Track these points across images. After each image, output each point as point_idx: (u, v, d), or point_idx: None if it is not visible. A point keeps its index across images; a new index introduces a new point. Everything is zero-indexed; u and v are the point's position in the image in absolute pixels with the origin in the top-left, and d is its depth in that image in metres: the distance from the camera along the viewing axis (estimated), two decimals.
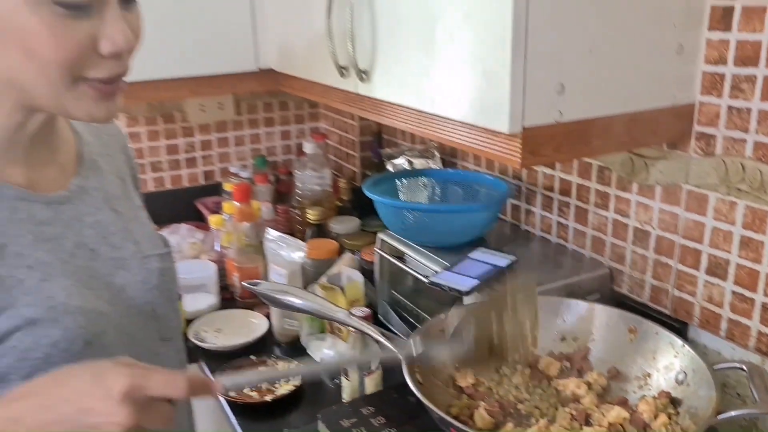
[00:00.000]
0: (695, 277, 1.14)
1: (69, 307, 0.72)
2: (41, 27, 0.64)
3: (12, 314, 0.69)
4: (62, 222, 0.77)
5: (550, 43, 0.91)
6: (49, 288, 0.72)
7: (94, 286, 0.77)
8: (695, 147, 1.09)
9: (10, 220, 0.72)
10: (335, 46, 1.29)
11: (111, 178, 0.86)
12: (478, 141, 1.01)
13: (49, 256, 0.74)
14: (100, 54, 0.68)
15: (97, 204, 0.82)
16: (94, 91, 0.69)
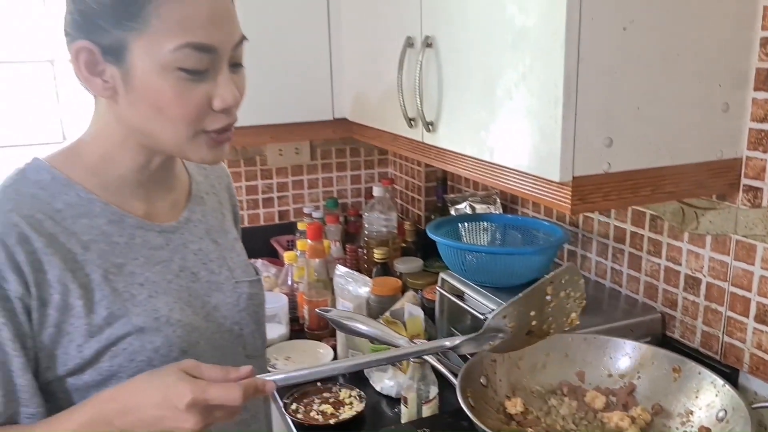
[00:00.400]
0: (744, 324, 1.18)
1: (170, 320, 0.85)
2: (168, 89, 0.78)
3: (125, 322, 0.82)
4: (171, 248, 0.90)
5: (599, 102, 1.00)
6: (155, 303, 0.85)
7: (192, 304, 0.90)
8: (743, 199, 1.14)
9: (129, 244, 0.86)
10: (405, 99, 1.42)
11: (213, 212, 1.00)
12: (533, 188, 1.10)
13: (157, 277, 0.87)
14: (213, 109, 0.81)
15: (200, 234, 0.95)
16: (209, 140, 0.83)
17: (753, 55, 1.09)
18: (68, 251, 0.81)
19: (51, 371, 0.81)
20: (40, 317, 0.79)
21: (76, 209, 0.83)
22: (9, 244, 0.77)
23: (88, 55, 0.78)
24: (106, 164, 0.86)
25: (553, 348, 1.09)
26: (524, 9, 1.04)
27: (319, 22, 1.78)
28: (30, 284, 0.78)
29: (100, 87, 0.80)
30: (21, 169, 0.84)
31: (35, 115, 2.02)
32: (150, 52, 0.77)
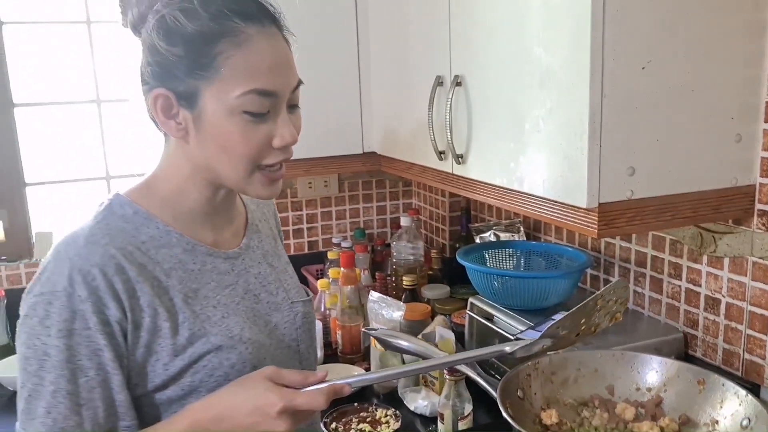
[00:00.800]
0: (764, 341, 1.25)
1: (243, 338, 0.94)
2: (234, 130, 0.87)
3: (205, 341, 0.90)
4: (236, 273, 0.99)
5: (621, 134, 1.09)
6: (228, 323, 0.93)
7: (257, 323, 0.98)
8: (758, 223, 1.22)
9: (201, 270, 0.95)
10: (435, 134, 1.52)
11: (267, 238, 1.09)
12: (561, 215, 1.19)
13: (227, 299, 0.96)
14: (273, 147, 0.90)
15: (258, 259, 1.04)
16: (265, 177, 0.91)
17: (762, 89, 1.18)
18: (155, 278, 0.89)
19: (140, 387, 0.89)
20: (133, 339, 0.87)
21: (157, 240, 0.92)
22: (108, 274, 0.85)
23: (164, 100, 0.88)
24: (177, 198, 0.95)
25: (583, 364, 1.16)
26: (550, 51, 1.14)
27: (350, 64, 1.89)
28: (126, 309, 0.86)
29: (173, 128, 0.90)
30: (107, 205, 0.92)
31: (81, 153, 2.13)
32: (219, 98, 0.86)
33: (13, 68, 1.99)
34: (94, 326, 0.84)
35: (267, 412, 0.82)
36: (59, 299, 0.83)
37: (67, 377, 0.83)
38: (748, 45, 1.16)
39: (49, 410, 0.83)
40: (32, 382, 0.84)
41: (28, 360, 0.84)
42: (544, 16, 1.14)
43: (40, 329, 0.83)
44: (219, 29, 0.84)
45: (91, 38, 2.05)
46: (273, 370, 0.86)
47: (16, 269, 2.01)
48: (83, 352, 0.84)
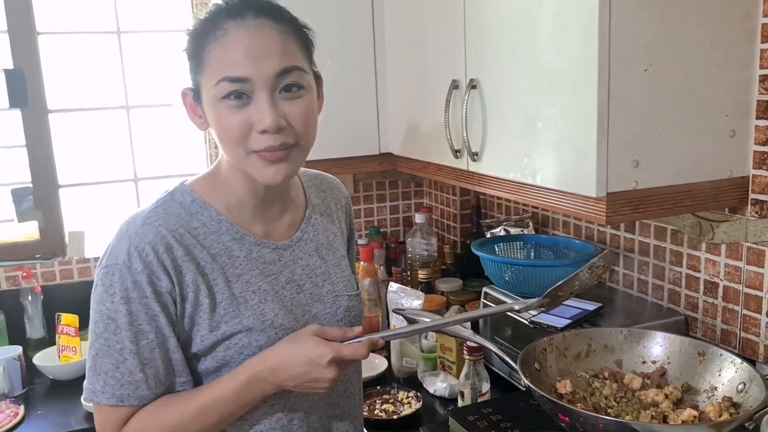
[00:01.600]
0: (758, 320, 1.36)
1: (274, 324, 1.02)
2: (219, 117, 0.95)
3: (238, 322, 1.00)
4: (282, 263, 1.07)
5: (627, 130, 1.20)
6: (263, 308, 1.02)
7: (294, 312, 1.06)
8: (751, 211, 1.34)
9: (247, 258, 1.03)
10: (451, 133, 1.63)
11: (325, 231, 1.15)
12: (571, 204, 1.30)
13: (267, 287, 1.04)
14: (256, 131, 0.93)
15: (309, 251, 1.11)
16: (261, 159, 0.95)
17: (754, 89, 1.30)
18: (200, 260, 0.99)
19: (186, 352, 1.00)
20: (181, 309, 0.98)
21: (208, 227, 1.01)
22: (158, 251, 0.95)
23: (188, 98, 1.01)
24: (227, 189, 1.04)
25: (594, 340, 1.27)
26: (561, 55, 1.25)
27: (367, 68, 2.00)
28: (174, 283, 0.96)
29: (198, 122, 1.02)
30: (171, 192, 1.03)
31: (110, 156, 2.25)
32: (207, 89, 0.96)
33: (48, 76, 2.10)
34: (150, 295, 0.95)
35: (318, 362, 0.94)
36: (120, 271, 0.94)
37: (130, 338, 0.95)
38: (741, 49, 1.28)
39: (117, 366, 0.95)
40: (99, 342, 0.96)
41: (96, 323, 0.96)
42: (554, 23, 1.26)
43: (106, 296, 0.95)
44: (207, 28, 0.95)
45: (121, 47, 2.17)
46: (317, 327, 0.98)
47: (50, 267, 2.12)
48: (142, 317, 0.95)
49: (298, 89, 0.96)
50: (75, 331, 1.88)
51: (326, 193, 1.21)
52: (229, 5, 0.95)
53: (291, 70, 0.95)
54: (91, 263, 2.15)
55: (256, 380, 0.97)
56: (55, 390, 1.84)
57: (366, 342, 0.98)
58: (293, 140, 0.96)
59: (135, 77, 2.20)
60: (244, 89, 0.93)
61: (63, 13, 2.12)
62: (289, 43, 0.96)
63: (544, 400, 1.08)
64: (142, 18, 2.19)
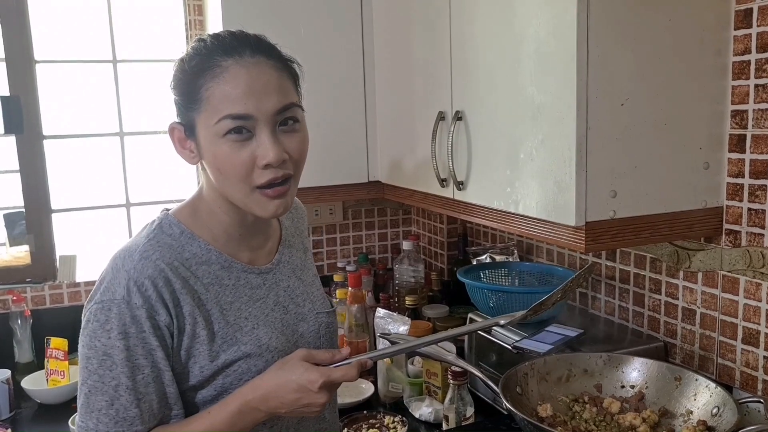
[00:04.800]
0: (734, 347, 1.40)
1: (270, 347, 1.05)
2: (221, 153, 0.96)
3: (236, 349, 1.02)
4: (267, 287, 1.10)
5: (604, 161, 1.25)
6: (258, 333, 1.05)
7: (285, 333, 1.10)
8: (725, 240, 1.38)
9: (236, 285, 1.06)
10: (437, 163, 1.68)
11: (297, 252, 1.20)
12: (552, 233, 1.34)
13: (257, 312, 1.07)
14: (258, 167, 0.96)
15: (288, 273, 1.15)
16: (264, 196, 0.98)
17: (726, 123, 1.35)
18: (195, 291, 1.01)
19: (181, 385, 1.01)
20: (177, 342, 0.99)
21: (199, 258, 1.03)
22: (158, 285, 0.96)
23: (178, 133, 1.02)
24: (212, 220, 1.05)
25: (574, 365, 1.30)
26: (541, 89, 1.30)
27: (357, 99, 2.06)
28: (173, 316, 0.98)
29: (189, 157, 1.03)
30: (158, 224, 1.04)
31: (103, 181, 2.28)
32: (206, 126, 0.97)
33: (44, 103, 2.14)
34: (148, 330, 0.95)
35: (309, 388, 0.96)
36: (118, 306, 0.95)
37: (127, 374, 0.95)
38: (713, 85, 1.34)
39: (111, 402, 0.95)
40: (92, 379, 0.95)
41: (89, 360, 0.95)
42: (536, 59, 1.31)
43: (101, 332, 0.95)
44: (202, 66, 0.97)
45: (117, 76, 2.22)
46: (306, 352, 1.00)
47: (41, 291, 2.13)
48: (139, 351, 0.95)
49: (294, 123, 1.00)
50: (64, 354, 1.89)
51: (293, 214, 1.24)
52: (225, 42, 0.98)
53: (289, 107, 0.99)
54: (82, 287, 2.16)
55: (248, 409, 0.99)
56: (43, 414, 1.84)
57: (355, 363, 1.00)
58: (292, 171, 1.00)
59: (129, 105, 2.24)
60: (247, 125, 0.95)
61: (60, 41, 2.17)
62: (283, 80, 0.99)
63: (524, 423, 1.11)
64: (137, 47, 2.24)
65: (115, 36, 2.20)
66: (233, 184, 0.98)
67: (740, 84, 1.33)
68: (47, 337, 1.93)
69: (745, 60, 1.31)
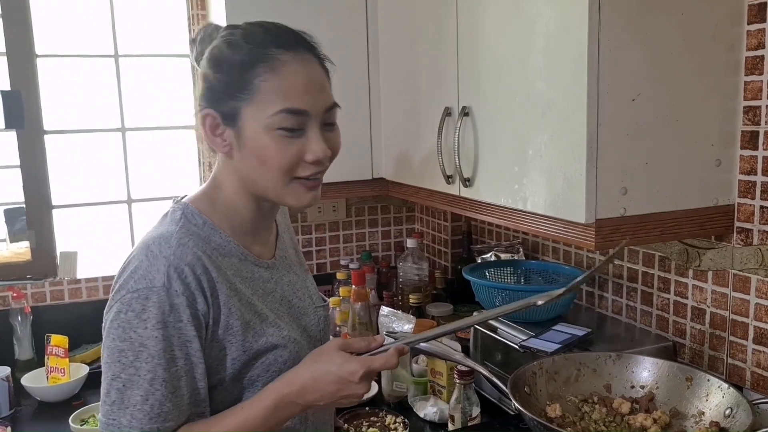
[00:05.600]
0: (745, 346, 1.37)
1: (291, 338, 1.05)
2: (270, 145, 0.97)
3: (264, 341, 1.01)
4: (274, 281, 1.10)
5: (615, 158, 1.23)
6: (279, 324, 1.05)
7: (294, 326, 1.09)
8: (737, 239, 1.36)
9: (252, 278, 1.05)
10: (443, 159, 1.66)
11: (290, 249, 1.19)
12: (561, 230, 1.32)
13: (271, 304, 1.06)
14: (306, 161, 1.00)
15: (287, 268, 1.14)
16: (302, 186, 1.01)
17: (738, 120, 1.33)
18: (228, 281, 0.99)
19: (210, 379, 0.98)
20: (211, 334, 0.97)
21: (222, 249, 1.02)
22: (197, 272, 0.94)
23: (212, 120, 0.99)
24: (231, 211, 1.04)
25: (583, 365, 1.28)
26: (551, 85, 1.28)
27: (361, 94, 2.04)
28: (210, 305, 0.95)
29: (220, 145, 1.00)
30: (181, 213, 1.01)
31: (104, 177, 2.26)
32: (256, 117, 0.96)
33: (45, 98, 2.12)
34: (186, 319, 0.93)
35: (350, 379, 0.95)
36: (157, 294, 0.91)
37: (164, 366, 0.91)
38: (726, 80, 1.31)
39: (146, 397, 0.91)
40: (127, 372, 0.91)
41: (123, 352, 0.92)
42: (545, 54, 1.29)
43: (137, 322, 0.91)
44: (257, 56, 0.96)
45: (119, 71, 2.19)
46: (342, 341, 0.99)
47: (41, 287, 2.11)
48: (175, 342, 0.92)
49: (334, 123, 1.03)
50: (64, 352, 1.87)
51: (282, 210, 1.22)
52: (278, 36, 0.98)
53: (334, 106, 1.02)
54: (83, 284, 2.14)
55: (284, 404, 0.97)
56: (43, 411, 1.82)
57: (394, 350, 0.99)
58: (327, 166, 1.04)
59: (131, 100, 2.22)
60: (300, 121, 0.96)
61: (62, 35, 2.15)
62: (327, 80, 1.03)
63: (534, 423, 1.09)
64: (139, 42, 2.21)
65: (117, 30, 2.18)
66: (274, 176, 0.98)
67: (753, 80, 1.30)
68: (48, 334, 1.91)
69: (758, 55, 1.29)
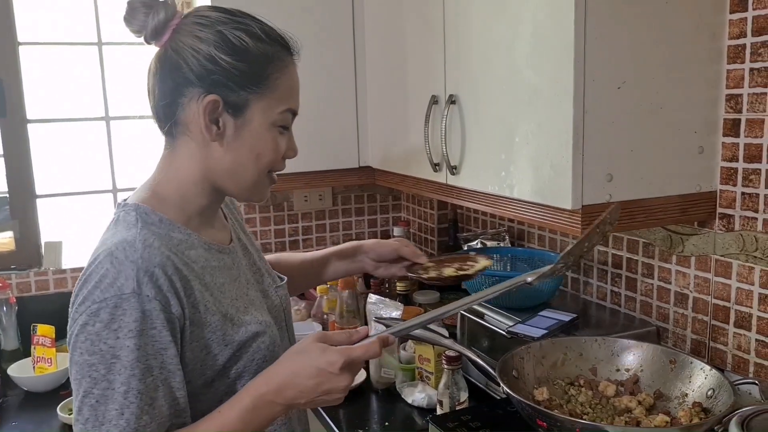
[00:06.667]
0: (726, 330, 1.40)
1: (268, 324, 1.04)
2: (270, 139, 0.99)
3: (245, 330, 0.99)
4: (236, 266, 1.07)
5: (601, 145, 1.25)
6: (253, 311, 1.04)
7: (264, 309, 1.08)
8: (719, 225, 1.39)
9: (219, 266, 1.02)
10: (430, 147, 1.67)
11: (239, 232, 1.17)
12: (547, 217, 1.34)
13: (241, 291, 1.05)
14: (285, 158, 1.03)
15: (243, 252, 1.13)
16: (269, 181, 1.03)
17: (720, 108, 1.35)
18: (198, 276, 0.97)
19: (195, 382, 0.95)
20: (189, 335, 0.92)
21: (185, 243, 0.97)
22: (168, 273, 0.90)
23: (213, 105, 0.95)
24: (185, 202, 1.00)
25: (570, 349, 1.30)
26: (538, 72, 1.30)
27: (348, 82, 2.04)
28: (184, 306, 0.91)
29: (213, 132, 0.97)
30: (135, 214, 0.95)
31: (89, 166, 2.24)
32: (265, 111, 0.97)
33: (28, 86, 2.10)
34: (161, 325, 0.88)
35: (329, 371, 0.91)
36: (128, 301, 0.86)
37: (138, 377, 0.86)
38: (708, 69, 1.33)
39: (122, 411, 0.85)
40: (100, 387, 0.86)
41: (93, 366, 0.86)
42: (532, 42, 1.30)
43: (107, 333, 0.86)
44: (272, 53, 0.98)
45: (102, 59, 2.17)
46: (320, 334, 0.96)
47: (26, 277, 2.10)
48: (150, 351, 0.87)
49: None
50: (51, 341, 1.86)
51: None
52: (283, 37, 1.01)
53: None
54: (68, 274, 2.13)
55: (262, 404, 0.93)
56: (30, 401, 1.82)
57: (377, 339, 0.95)
58: None
59: (115, 88, 2.20)
60: (291, 121, 1.03)
61: (45, 23, 2.12)
62: None
63: (522, 406, 1.10)
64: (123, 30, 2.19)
65: (100, 18, 2.16)
66: (260, 169, 1.01)
67: (735, 68, 1.33)
68: (33, 324, 1.90)
69: (740, 44, 1.31)
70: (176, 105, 0.97)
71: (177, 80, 0.96)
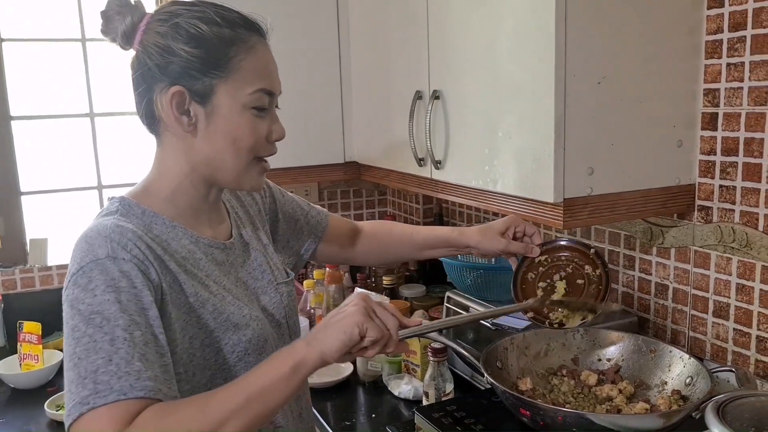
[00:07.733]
0: (705, 320, 1.43)
1: (252, 317, 1.04)
2: (244, 123, 0.98)
3: (225, 320, 0.99)
4: (230, 262, 1.08)
5: (582, 139, 1.27)
6: (239, 304, 1.04)
7: (254, 305, 1.09)
8: (698, 217, 1.42)
9: (207, 259, 1.03)
10: (415, 142, 1.68)
11: (246, 228, 1.16)
12: (531, 210, 1.36)
13: (229, 285, 1.05)
14: (269, 141, 1.02)
15: (243, 248, 1.13)
16: (259, 167, 1.02)
17: (699, 102, 1.38)
18: (174, 258, 0.98)
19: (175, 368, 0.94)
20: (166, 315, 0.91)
21: (168, 234, 0.99)
22: (141, 247, 0.91)
23: (179, 96, 0.95)
24: (176, 196, 1.02)
25: (552, 339, 1.33)
26: (520, 67, 1.31)
27: (332, 78, 2.05)
28: (160, 276, 0.92)
29: (184, 123, 0.98)
30: (118, 204, 0.98)
31: (74, 163, 2.24)
32: (232, 95, 0.97)
33: (12, 83, 2.09)
34: (141, 284, 0.88)
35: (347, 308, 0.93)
36: (102, 264, 0.87)
37: (123, 326, 0.83)
38: (686, 64, 1.36)
39: (110, 358, 0.81)
40: (82, 344, 0.83)
41: (74, 329, 0.84)
42: (514, 38, 1.32)
43: (84, 294, 0.85)
44: (233, 36, 0.97)
45: (86, 55, 2.17)
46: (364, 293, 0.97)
47: (11, 275, 2.09)
48: (133, 308, 0.86)
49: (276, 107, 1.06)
50: (37, 338, 1.86)
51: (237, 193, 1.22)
52: (246, 19, 1.00)
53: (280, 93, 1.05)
54: (54, 271, 2.13)
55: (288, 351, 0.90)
56: (17, 398, 1.81)
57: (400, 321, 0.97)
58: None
59: (99, 85, 2.20)
60: (270, 102, 1.01)
61: (28, 19, 2.11)
62: None
63: (506, 396, 1.13)
64: None
65: (84, 14, 2.15)
66: (241, 155, 1.00)
67: (713, 63, 1.35)
68: (20, 321, 1.90)
69: (717, 39, 1.34)
70: (151, 103, 0.98)
71: (147, 78, 0.98)
